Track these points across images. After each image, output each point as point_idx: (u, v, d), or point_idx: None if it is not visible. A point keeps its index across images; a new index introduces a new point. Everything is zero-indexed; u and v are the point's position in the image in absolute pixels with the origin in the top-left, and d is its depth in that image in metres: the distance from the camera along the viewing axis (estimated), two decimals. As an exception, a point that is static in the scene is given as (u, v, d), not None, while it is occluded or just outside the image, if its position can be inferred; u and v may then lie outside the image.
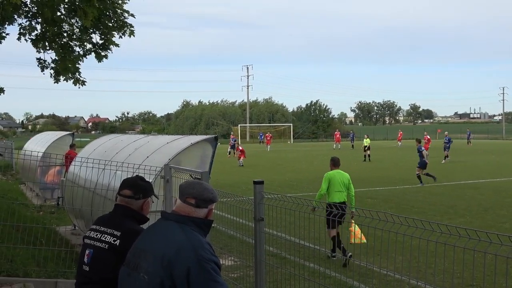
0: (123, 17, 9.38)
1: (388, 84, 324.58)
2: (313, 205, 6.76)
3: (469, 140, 54.08)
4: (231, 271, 7.56)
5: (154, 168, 6.61)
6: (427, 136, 35.01)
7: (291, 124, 78.71)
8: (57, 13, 8.94)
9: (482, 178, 21.37)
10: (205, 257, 2.57)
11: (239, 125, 76.77)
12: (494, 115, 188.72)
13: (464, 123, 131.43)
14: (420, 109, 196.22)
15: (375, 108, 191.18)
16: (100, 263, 3.21)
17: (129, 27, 9.49)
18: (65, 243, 8.11)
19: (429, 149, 34.65)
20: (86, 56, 9.70)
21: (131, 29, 9.51)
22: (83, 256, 3.30)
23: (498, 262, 3.10)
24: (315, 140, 79.48)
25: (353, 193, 9.32)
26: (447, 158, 29.62)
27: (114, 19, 9.33)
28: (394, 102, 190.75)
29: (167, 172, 5.91)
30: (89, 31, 9.36)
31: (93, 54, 9.72)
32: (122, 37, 9.59)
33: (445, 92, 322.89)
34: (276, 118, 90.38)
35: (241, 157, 30.63)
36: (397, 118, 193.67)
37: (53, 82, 9.92)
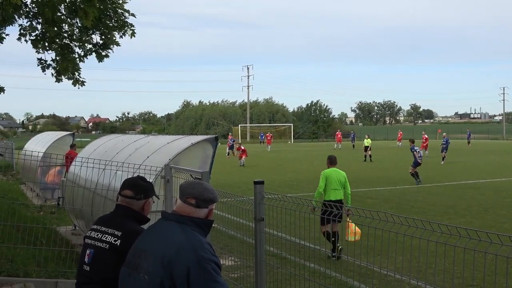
0: (124, 17, 9.38)
1: (388, 84, 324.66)
2: (313, 205, 6.77)
3: (469, 140, 54.09)
4: (232, 271, 7.56)
5: (155, 168, 6.61)
6: (425, 136, 35.01)
7: (292, 124, 78.73)
8: (58, 13, 8.94)
9: (483, 178, 21.37)
10: (205, 257, 2.57)
11: (240, 125, 76.79)
12: (495, 115, 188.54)
13: (465, 123, 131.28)
14: (421, 109, 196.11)
15: (376, 108, 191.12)
16: (101, 263, 3.21)
17: (130, 27, 9.49)
18: (66, 243, 8.11)
19: (429, 149, 34.79)
20: (87, 57, 9.71)
21: (132, 29, 9.50)
22: (84, 256, 3.31)
23: (499, 262, 3.10)
24: (316, 140, 79.48)
25: (349, 191, 9.41)
26: (445, 159, 29.64)
27: (115, 19, 9.33)
28: (395, 102, 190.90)
29: (168, 172, 5.91)
30: (89, 32, 9.35)
31: (94, 54, 9.72)
32: (123, 37, 9.59)
33: (445, 92, 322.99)
34: (277, 118, 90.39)
35: (243, 157, 30.60)
36: (398, 118, 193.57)
37: (55, 82, 9.94)
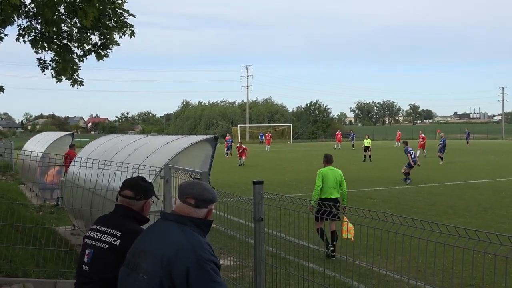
0: (123, 17, 9.38)
1: (388, 84, 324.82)
2: (312, 205, 6.77)
3: (468, 140, 54.12)
4: (231, 271, 7.56)
5: (154, 168, 6.61)
6: (422, 135, 35.07)
7: (291, 124, 78.71)
8: (57, 13, 8.93)
9: (482, 178, 21.38)
10: (205, 258, 2.57)
11: (239, 125, 76.74)
12: (494, 115, 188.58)
13: (464, 123, 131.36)
14: (420, 109, 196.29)
15: (375, 108, 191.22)
16: (100, 263, 3.21)
17: (129, 27, 9.49)
18: (65, 243, 8.10)
19: (426, 149, 34.82)
20: (86, 57, 9.70)
21: (131, 29, 9.51)
22: (83, 256, 3.31)
23: (498, 262, 3.10)
24: (315, 140, 79.49)
25: (345, 190, 9.47)
26: (443, 159, 29.63)
27: (114, 19, 9.32)
28: (394, 102, 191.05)
29: (167, 172, 5.91)
30: (89, 32, 9.35)
31: (93, 54, 9.72)
32: (122, 37, 9.59)
33: (445, 92, 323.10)
34: (276, 118, 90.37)
35: (243, 156, 30.58)
36: (397, 118, 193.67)
37: (56, 82, 9.92)
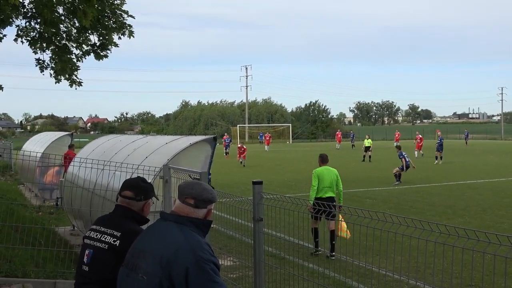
0: (122, 18, 9.38)
1: (387, 84, 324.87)
2: (311, 205, 6.77)
3: (466, 141, 54.14)
4: (230, 272, 7.56)
5: (153, 169, 6.61)
6: (419, 136, 35.18)
7: (290, 125, 78.72)
8: (56, 14, 8.93)
9: (481, 178, 21.39)
10: (204, 258, 2.57)
11: (238, 126, 76.73)
12: (493, 115, 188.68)
13: (463, 123, 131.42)
14: (419, 109, 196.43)
15: (374, 109, 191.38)
16: (100, 264, 3.21)
17: (128, 28, 9.50)
18: (64, 244, 8.10)
19: (424, 149, 34.86)
20: (85, 57, 9.70)
21: (130, 30, 9.52)
22: (83, 256, 3.30)
23: (497, 262, 3.10)
24: (314, 141, 79.50)
25: (341, 189, 9.53)
26: (441, 159, 29.59)
27: (113, 20, 9.33)
28: (393, 103, 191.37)
29: (166, 173, 5.91)
30: (87, 33, 9.35)
31: (92, 54, 9.72)
32: (122, 38, 9.60)
33: (444, 92, 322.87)
34: (275, 119, 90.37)
35: (240, 156, 30.59)
36: (396, 119, 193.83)
37: (55, 82, 9.92)
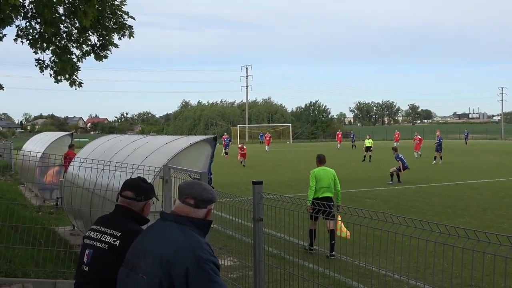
0: (122, 19, 9.38)
1: (388, 84, 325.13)
2: (309, 205, 6.77)
3: (466, 141, 54.15)
4: (230, 272, 7.56)
5: (153, 169, 6.61)
6: (418, 136, 35.25)
7: (290, 125, 78.71)
8: (56, 14, 8.93)
9: (481, 178, 21.39)
10: (204, 258, 2.57)
11: (238, 126, 76.72)
12: (493, 115, 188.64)
13: (463, 123, 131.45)
14: (419, 109, 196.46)
15: (374, 109, 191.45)
16: (100, 264, 3.21)
17: (129, 29, 9.50)
18: (64, 244, 8.10)
19: (424, 150, 34.88)
20: (85, 57, 9.70)
21: (131, 31, 9.52)
22: (83, 256, 3.31)
23: (497, 262, 3.11)
24: (314, 141, 79.51)
25: (339, 189, 9.58)
26: (441, 159, 29.56)
27: (113, 21, 9.33)
28: (393, 103, 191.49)
29: (166, 173, 5.91)
30: (88, 33, 9.35)
31: (92, 55, 9.72)
32: (122, 39, 9.60)
33: (444, 92, 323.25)
34: (275, 119, 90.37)
35: (239, 157, 30.59)
36: (396, 119, 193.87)
37: (54, 82, 9.92)
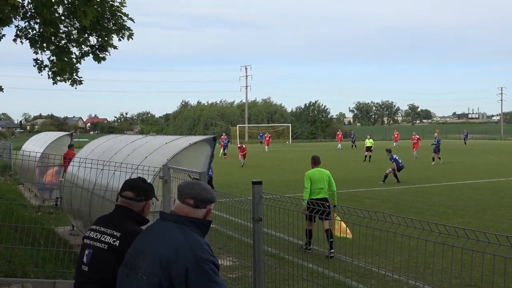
0: (122, 20, 9.38)
1: (387, 84, 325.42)
2: (304, 207, 6.78)
3: (465, 141, 54.17)
4: (230, 272, 7.56)
5: (153, 169, 6.61)
6: (416, 136, 35.29)
7: (290, 125, 78.69)
8: (56, 14, 8.92)
9: (480, 178, 21.40)
10: (204, 258, 2.57)
11: (238, 126, 76.71)
12: (493, 115, 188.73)
13: (462, 123, 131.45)
14: (419, 109, 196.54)
15: (374, 109, 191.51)
16: (100, 264, 3.21)
17: (128, 30, 9.51)
18: (64, 244, 8.09)
19: (421, 150, 34.93)
20: (84, 58, 9.69)
21: (130, 32, 9.52)
22: (83, 256, 3.30)
23: (496, 262, 3.10)
24: (314, 141, 79.51)
25: (335, 189, 9.62)
26: (440, 160, 29.54)
27: (113, 22, 9.33)
28: (393, 103, 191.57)
29: (166, 173, 5.91)
30: (87, 33, 9.34)
31: (91, 56, 9.71)
32: (121, 40, 9.60)
33: (444, 92, 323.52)
34: (275, 119, 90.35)
35: (239, 156, 30.58)
36: (396, 119, 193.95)
37: (52, 83, 9.90)
